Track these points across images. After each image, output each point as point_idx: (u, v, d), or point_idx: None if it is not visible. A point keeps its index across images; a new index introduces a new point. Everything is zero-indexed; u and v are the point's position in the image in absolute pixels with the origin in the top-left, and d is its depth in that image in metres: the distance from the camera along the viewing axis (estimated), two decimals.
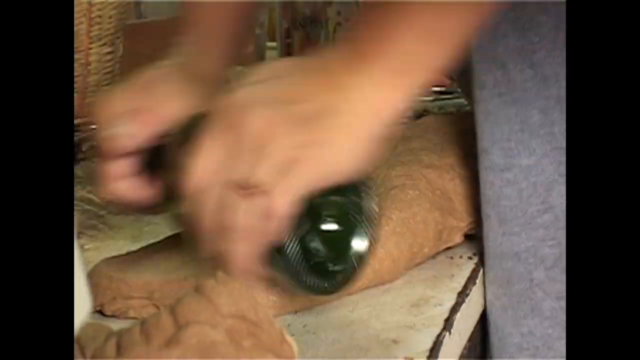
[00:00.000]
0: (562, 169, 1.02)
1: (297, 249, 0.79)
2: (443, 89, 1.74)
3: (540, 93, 1.02)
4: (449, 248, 1.05)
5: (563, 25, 0.98)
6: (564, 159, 1.01)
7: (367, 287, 0.94)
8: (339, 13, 2.18)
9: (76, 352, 0.63)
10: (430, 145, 1.09)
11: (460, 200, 1.04)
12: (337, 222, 0.83)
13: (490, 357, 1.09)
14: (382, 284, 0.95)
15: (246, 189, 0.77)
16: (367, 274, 0.90)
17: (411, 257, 0.97)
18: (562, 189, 1.02)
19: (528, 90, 1.02)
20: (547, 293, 1.03)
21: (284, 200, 0.77)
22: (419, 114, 1.38)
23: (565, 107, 0.99)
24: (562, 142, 1.01)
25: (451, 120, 1.18)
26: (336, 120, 0.80)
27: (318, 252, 0.83)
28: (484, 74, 1.04)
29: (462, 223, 1.04)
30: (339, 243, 0.82)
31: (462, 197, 1.04)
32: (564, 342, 0.95)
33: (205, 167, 0.80)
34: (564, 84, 0.99)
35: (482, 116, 1.04)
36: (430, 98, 1.69)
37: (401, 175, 1.01)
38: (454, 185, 1.05)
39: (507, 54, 1.03)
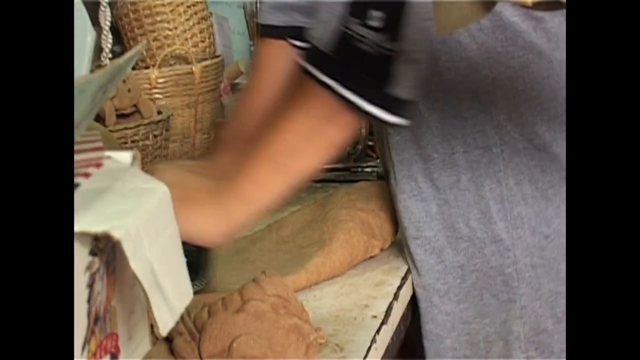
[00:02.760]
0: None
1: None
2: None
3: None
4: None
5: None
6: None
7: (329, 279, 1.35)
8: None
9: (184, 316, 1.02)
10: (361, 197, 1.51)
11: (379, 229, 1.46)
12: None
13: (419, 315, 1.44)
14: (337, 276, 1.36)
15: None
16: (328, 270, 1.35)
17: (350, 260, 1.38)
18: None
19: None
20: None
21: None
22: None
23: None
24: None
25: (374, 185, 1.59)
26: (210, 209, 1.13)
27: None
28: (402, 182, 1.41)
29: (379, 242, 1.45)
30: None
31: (379, 227, 1.46)
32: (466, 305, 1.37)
33: None
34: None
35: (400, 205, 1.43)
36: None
37: (344, 214, 1.44)
38: (375, 220, 1.46)
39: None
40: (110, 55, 1.79)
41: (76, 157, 0.76)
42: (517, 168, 1.33)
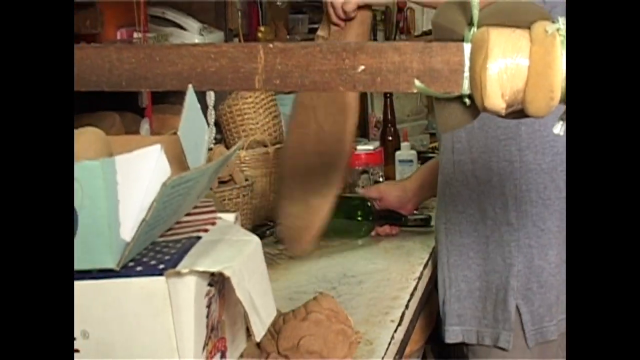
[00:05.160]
0: None
1: None
2: None
3: None
4: None
5: None
6: None
7: None
8: None
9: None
10: None
11: None
12: None
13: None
14: None
15: None
16: None
17: None
18: None
19: None
20: None
21: None
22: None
23: None
24: None
25: None
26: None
27: None
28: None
29: None
30: None
31: None
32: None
33: None
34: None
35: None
36: None
37: None
38: None
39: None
40: (214, 141, 1.81)
41: (198, 217, 0.78)
42: None
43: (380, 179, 2.00)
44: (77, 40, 1.59)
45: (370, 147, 2.06)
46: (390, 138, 2.18)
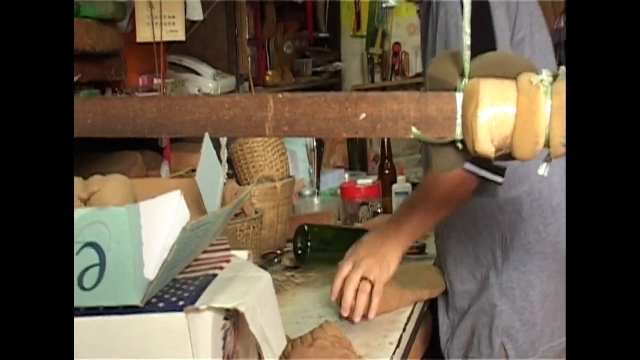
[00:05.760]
0: None
1: None
2: None
3: None
4: None
5: None
6: None
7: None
8: None
9: None
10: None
11: None
12: None
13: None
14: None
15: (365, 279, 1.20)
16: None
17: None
18: None
19: None
20: None
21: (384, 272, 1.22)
22: None
23: None
24: None
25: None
26: (386, 257, 1.21)
27: None
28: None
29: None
30: None
31: None
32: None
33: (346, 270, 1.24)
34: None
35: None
36: None
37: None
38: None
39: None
40: (226, 177, 1.81)
41: (214, 254, 0.77)
42: None
43: (379, 211, 1.99)
44: (104, 86, 1.61)
45: (369, 181, 2.06)
46: (387, 172, 2.18)
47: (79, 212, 0.59)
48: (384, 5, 3.34)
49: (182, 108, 0.74)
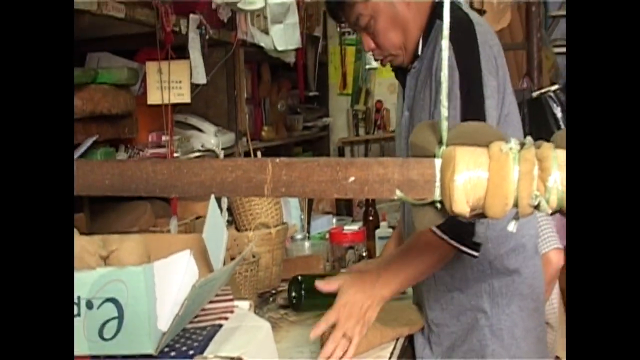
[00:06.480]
0: None
1: None
2: None
3: None
4: None
5: None
6: None
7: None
8: None
9: None
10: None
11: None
12: None
13: None
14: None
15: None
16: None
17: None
18: None
19: None
20: None
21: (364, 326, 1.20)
22: None
23: None
24: None
25: None
26: (375, 305, 1.20)
27: None
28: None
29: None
30: None
31: None
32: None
33: (336, 313, 1.22)
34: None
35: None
36: None
37: None
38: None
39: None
40: (227, 223, 1.80)
41: (219, 304, 0.77)
42: None
43: (364, 254, 1.99)
44: (117, 143, 1.62)
45: (355, 227, 2.07)
46: (371, 218, 2.19)
47: (100, 271, 0.59)
48: (367, 67, 3.39)
49: (189, 170, 0.75)
